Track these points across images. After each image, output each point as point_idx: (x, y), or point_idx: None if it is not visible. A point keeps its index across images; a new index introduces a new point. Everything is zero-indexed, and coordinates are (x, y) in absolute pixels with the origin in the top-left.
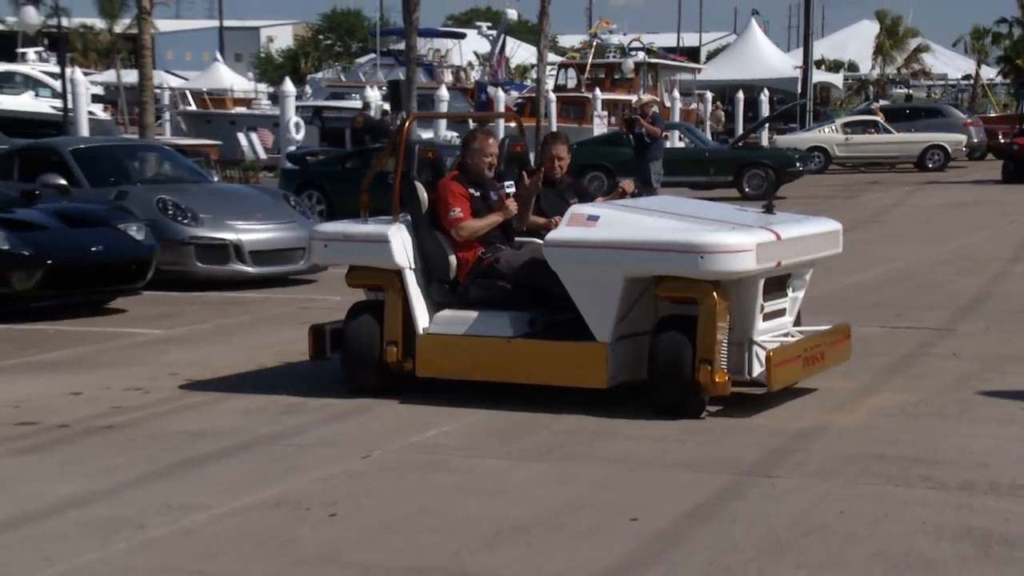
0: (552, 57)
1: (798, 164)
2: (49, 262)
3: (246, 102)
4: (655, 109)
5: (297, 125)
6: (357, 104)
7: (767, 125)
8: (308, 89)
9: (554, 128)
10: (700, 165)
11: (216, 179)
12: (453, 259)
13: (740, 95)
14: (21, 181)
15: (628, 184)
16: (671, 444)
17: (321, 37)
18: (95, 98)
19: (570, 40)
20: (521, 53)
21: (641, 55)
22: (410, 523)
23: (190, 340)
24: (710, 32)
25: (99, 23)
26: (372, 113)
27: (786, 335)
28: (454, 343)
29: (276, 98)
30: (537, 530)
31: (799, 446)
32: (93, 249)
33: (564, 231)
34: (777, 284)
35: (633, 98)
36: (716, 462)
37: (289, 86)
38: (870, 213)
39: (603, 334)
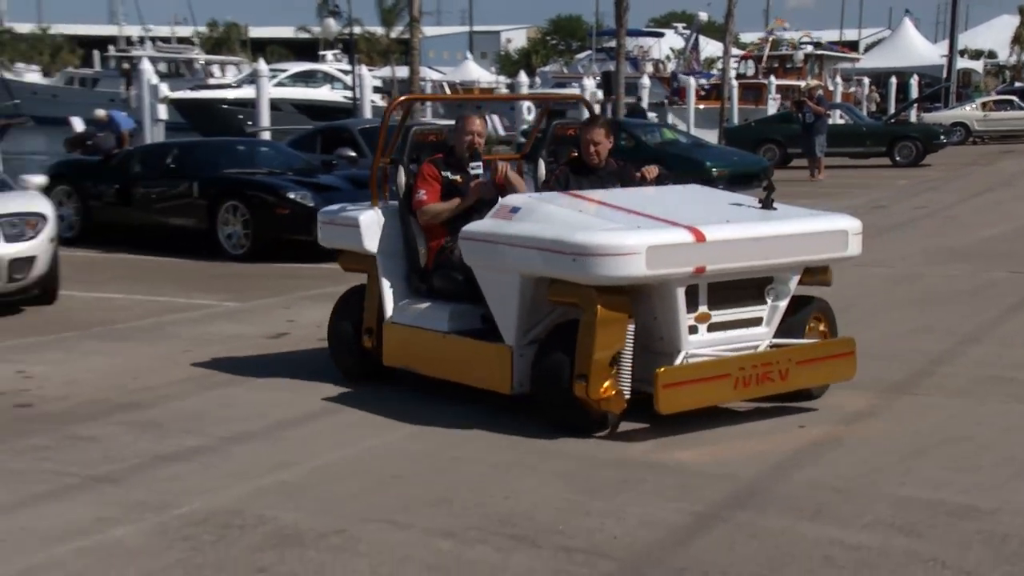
0: (735, 51)
1: (942, 137)
2: None
3: (489, 91)
4: (820, 92)
5: (529, 108)
6: (576, 91)
7: (916, 105)
8: (538, 80)
9: (736, 109)
10: (858, 138)
11: None
12: (424, 247)
13: (893, 80)
14: (322, 153)
15: (651, 170)
16: None
17: (548, 38)
18: (375, 89)
19: (750, 36)
20: (709, 48)
21: (809, 47)
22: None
23: None
24: (868, 28)
25: (379, 30)
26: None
27: (755, 347)
28: (407, 334)
29: (513, 87)
30: (726, 433)
31: (938, 369)
32: None
33: (481, 223)
34: (747, 290)
35: (802, 83)
36: (869, 380)
37: (523, 78)
38: (1004, 177)
39: (509, 337)
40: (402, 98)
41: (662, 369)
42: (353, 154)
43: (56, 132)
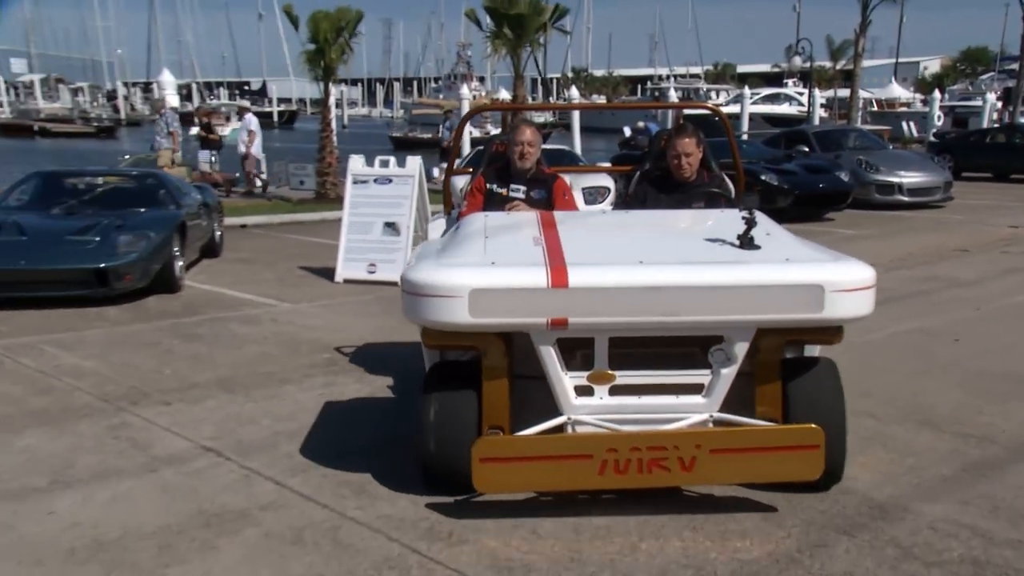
0: None
1: None
2: (796, 192)
3: (907, 104)
4: None
5: (938, 116)
6: (978, 103)
7: None
8: (947, 95)
9: None
10: None
11: (888, 147)
12: None
13: None
14: (783, 149)
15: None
16: None
17: (958, 64)
18: (821, 105)
19: None
20: None
21: None
22: (1005, 348)
23: (873, 237)
24: None
25: (827, 64)
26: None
27: (683, 419)
28: None
29: (926, 102)
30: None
31: None
32: (820, 185)
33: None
34: (681, 350)
35: None
36: None
37: (936, 94)
38: None
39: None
40: (470, 111)
41: (482, 439)
42: (807, 149)
43: (612, 136)
